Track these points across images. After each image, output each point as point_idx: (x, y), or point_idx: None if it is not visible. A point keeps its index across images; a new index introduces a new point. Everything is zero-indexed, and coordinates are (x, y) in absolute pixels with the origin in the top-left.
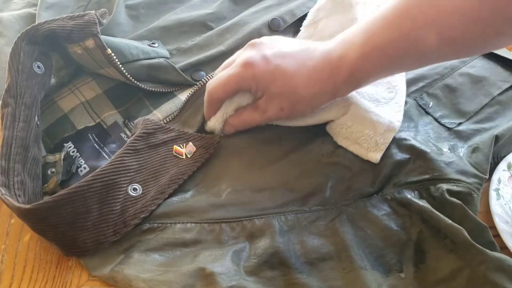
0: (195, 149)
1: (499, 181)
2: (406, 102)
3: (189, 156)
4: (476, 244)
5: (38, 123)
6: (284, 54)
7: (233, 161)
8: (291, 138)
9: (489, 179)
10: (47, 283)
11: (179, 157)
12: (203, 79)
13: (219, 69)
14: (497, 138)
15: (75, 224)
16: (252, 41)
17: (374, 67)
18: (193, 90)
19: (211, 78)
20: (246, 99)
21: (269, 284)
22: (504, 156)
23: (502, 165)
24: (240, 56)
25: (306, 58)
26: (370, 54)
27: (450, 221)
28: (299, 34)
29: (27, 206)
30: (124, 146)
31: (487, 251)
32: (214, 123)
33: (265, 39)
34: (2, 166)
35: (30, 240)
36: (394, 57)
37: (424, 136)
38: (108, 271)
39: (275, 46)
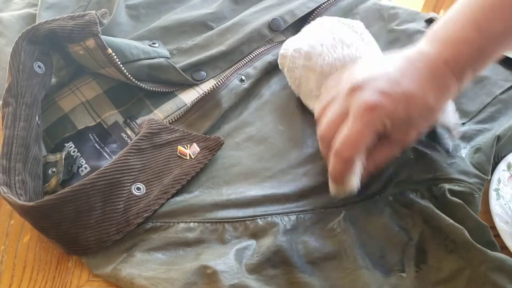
0: (199, 150)
1: (499, 181)
2: None
3: (193, 157)
4: (477, 244)
5: (38, 122)
6: (396, 79)
7: (236, 162)
8: (295, 139)
9: (489, 179)
10: (46, 284)
11: (183, 158)
12: (212, 86)
13: (327, 124)
14: (498, 138)
15: (78, 222)
16: (351, 85)
17: (492, 59)
18: (202, 95)
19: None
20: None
21: (271, 282)
22: (504, 156)
23: (502, 165)
24: (353, 105)
25: (417, 72)
26: (486, 47)
27: (451, 221)
28: None
29: (30, 204)
30: (128, 146)
31: (488, 251)
32: (352, 179)
33: (360, 77)
34: (3, 165)
35: (30, 240)
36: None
37: (425, 140)
38: (110, 269)
39: (379, 77)
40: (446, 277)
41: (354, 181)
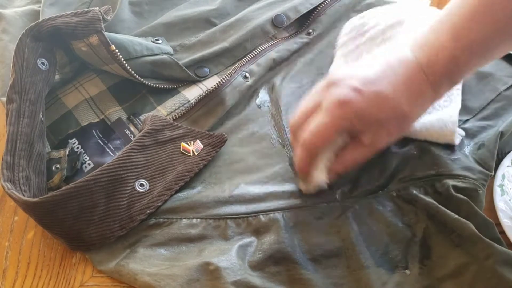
0: (202, 146)
1: (503, 177)
2: None
3: (196, 154)
4: (484, 238)
5: (42, 119)
6: (372, 79)
7: (239, 158)
8: None
9: (493, 175)
10: (50, 280)
11: (186, 154)
12: (217, 83)
13: (296, 119)
14: (501, 134)
15: (82, 218)
16: (327, 81)
17: (469, 66)
18: (206, 92)
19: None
20: (340, 141)
21: (273, 279)
22: (508, 152)
23: (506, 161)
24: (325, 100)
25: (393, 75)
26: (464, 55)
27: (456, 216)
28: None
29: (34, 200)
30: (132, 142)
31: (495, 244)
32: (318, 175)
33: (338, 74)
34: (8, 161)
35: (34, 237)
36: (490, 52)
37: None
38: (114, 265)
39: (355, 75)
40: (451, 272)
41: (320, 177)
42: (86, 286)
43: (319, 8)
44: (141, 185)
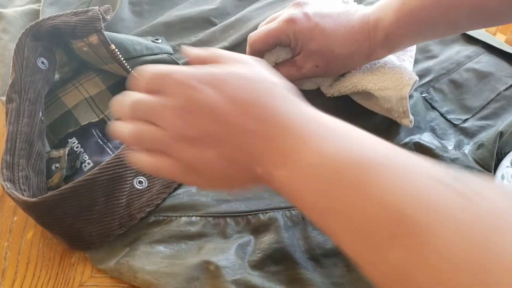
0: None
1: (503, 177)
2: (412, 96)
3: None
4: None
5: (42, 118)
6: (325, 14)
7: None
8: None
9: (493, 176)
10: (50, 280)
11: None
12: None
13: (263, 23)
14: (501, 134)
15: (81, 217)
16: (299, 0)
17: (407, 32)
18: None
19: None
20: (285, 54)
21: (273, 278)
22: (508, 152)
23: (506, 162)
24: (284, 12)
25: (345, 19)
26: (403, 19)
27: None
28: None
29: (34, 199)
30: None
31: None
32: None
33: (310, 0)
34: (7, 161)
35: (33, 237)
36: (427, 24)
37: (429, 135)
38: (114, 263)
39: (318, 6)
40: None
41: None
42: (85, 286)
43: None
44: (140, 182)
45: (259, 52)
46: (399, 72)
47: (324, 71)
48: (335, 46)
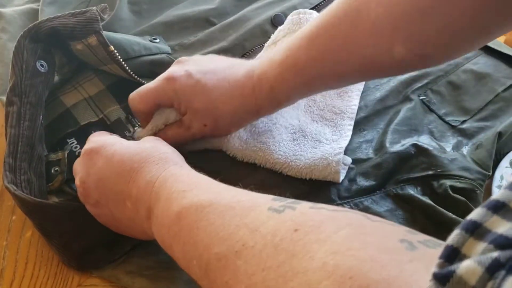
0: None
1: (502, 178)
2: (411, 101)
3: None
4: None
5: (42, 122)
6: (206, 71)
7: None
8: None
9: (492, 176)
10: (48, 280)
11: None
12: None
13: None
14: (500, 134)
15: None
16: (181, 58)
17: (293, 84)
18: None
19: None
20: (174, 116)
21: None
22: (507, 153)
23: (505, 162)
24: (164, 72)
25: (229, 74)
26: (287, 72)
27: (454, 216)
28: (260, 53)
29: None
30: None
31: None
32: (144, 134)
33: (195, 57)
34: (10, 164)
35: (32, 236)
36: (313, 76)
37: (427, 137)
38: (111, 270)
39: (201, 63)
40: None
41: (144, 134)
42: (84, 286)
43: (318, 7)
44: None
45: (143, 113)
46: (322, 158)
47: (213, 130)
48: (219, 103)
